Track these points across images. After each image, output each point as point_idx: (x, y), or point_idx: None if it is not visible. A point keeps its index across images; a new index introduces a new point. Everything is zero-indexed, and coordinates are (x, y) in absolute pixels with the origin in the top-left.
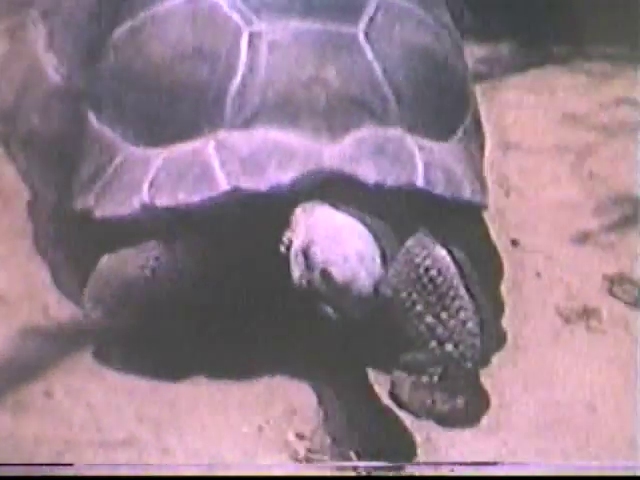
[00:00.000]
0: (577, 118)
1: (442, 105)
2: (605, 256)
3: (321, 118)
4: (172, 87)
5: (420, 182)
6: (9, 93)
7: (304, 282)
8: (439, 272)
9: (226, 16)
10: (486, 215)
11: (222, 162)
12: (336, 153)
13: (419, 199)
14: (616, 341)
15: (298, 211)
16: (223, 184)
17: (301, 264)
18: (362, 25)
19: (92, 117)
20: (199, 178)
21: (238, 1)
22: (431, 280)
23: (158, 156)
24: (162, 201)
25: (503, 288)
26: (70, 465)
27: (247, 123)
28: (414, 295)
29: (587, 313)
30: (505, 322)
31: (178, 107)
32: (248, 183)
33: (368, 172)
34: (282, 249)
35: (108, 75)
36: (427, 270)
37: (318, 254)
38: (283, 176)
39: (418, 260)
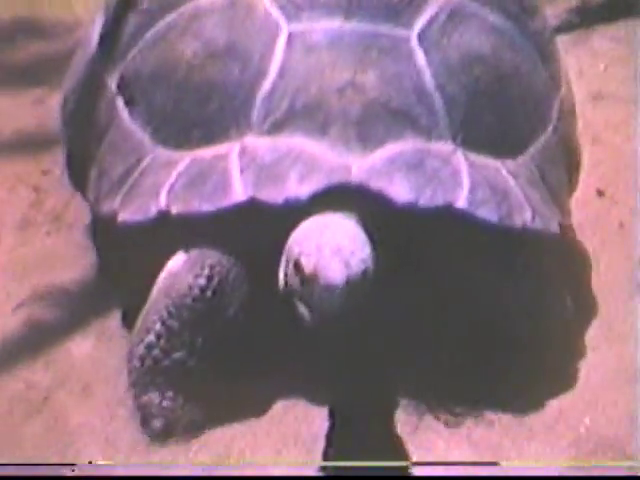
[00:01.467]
0: None
1: (509, 119)
2: None
3: (354, 128)
4: (202, 86)
5: (461, 203)
6: (67, 92)
7: (281, 281)
8: None
9: (266, 13)
10: None
11: (242, 170)
12: (365, 167)
13: (463, 224)
14: None
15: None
16: (240, 194)
17: (283, 264)
18: (418, 27)
19: (125, 114)
20: (216, 186)
21: None
22: None
23: (183, 159)
24: (177, 208)
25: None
26: (70, 465)
27: (275, 129)
28: None
29: None
30: None
31: (207, 108)
32: (265, 194)
33: (399, 189)
34: None
35: (142, 71)
36: None
37: (294, 248)
38: (303, 189)
39: None
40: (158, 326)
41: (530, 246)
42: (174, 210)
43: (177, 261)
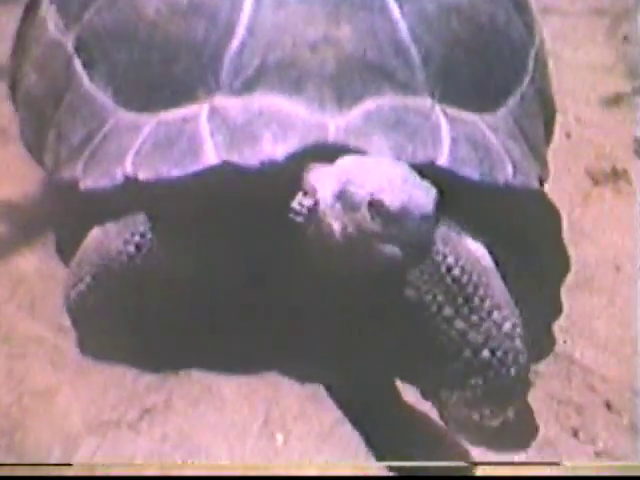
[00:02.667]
0: None
1: (487, 71)
2: (636, 119)
3: (329, 84)
4: (166, 46)
5: (443, 160)
6: (18, 50)
7: (351, 230)
8: (462, 270)
9: None
10: None
11: (212, 132)
12: (343, 125)
13: (445, 181)
14: None
15: (309, 173)
16: (211, 157)
17: (339, 212)
18: None
19: (84, 76)
20: (186, 150)
21: None
22: (454, 279)
23: (148, 123)
24: (145, 174)
25: None
26: (70, 465)
27: (245, 88)
28: (439, 297)
29: (616, 174)
30: None
31: (172, 68)
32: (238, 156)
33: (378, 147)
34: (298, 218)
35: (101, 30)
36: (449, 269)
37: (359, 190)
38: (278, 150)
39: (439, 258)
40: (88, 279)
41: (510, 201)
42: (141, 176)
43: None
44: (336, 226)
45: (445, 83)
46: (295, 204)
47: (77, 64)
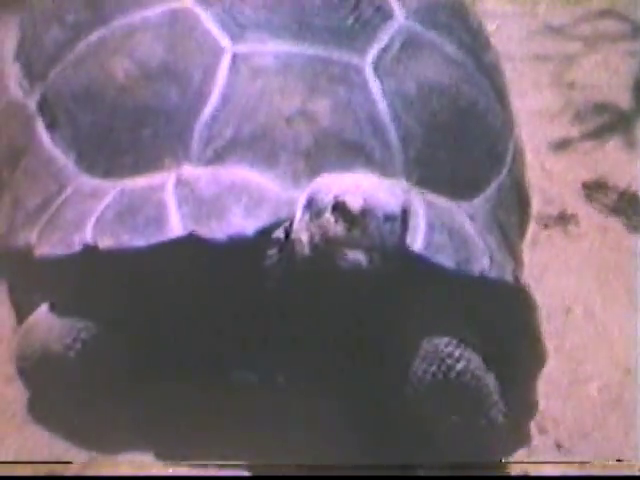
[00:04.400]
0: (558, 29)
1: (465, 158)
2: (584, 163)
3: (303, 159)
4: (134, 110)
5: (418, 246)
6: None
7: (317, 239)
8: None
9: (207, 32)
10: None
11: (179, 202)
12: None
13: (419, 268)
14: (592, 246)
15: None
16: (177, 228)
17: (307, 222)
18: (371, 55)
19: (46, 137)
20: (151, 219)
21: (225, 16)
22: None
23: (112, 190)
24: (105, 242)
25: None
26: (69, 463)
27: (216, 159)
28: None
29: (565, 219)
30: None
31: (139, 134)
32: (206, 229)
33: None
34: (273, 251)
35: (67, 91)
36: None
37: (324, 195)
38: (247, 224)
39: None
40: (29, 363)
41: (484, 294)
42: (102, 244)
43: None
44: (304, 237)
45: (423, 167)
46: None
47: (39, 125)
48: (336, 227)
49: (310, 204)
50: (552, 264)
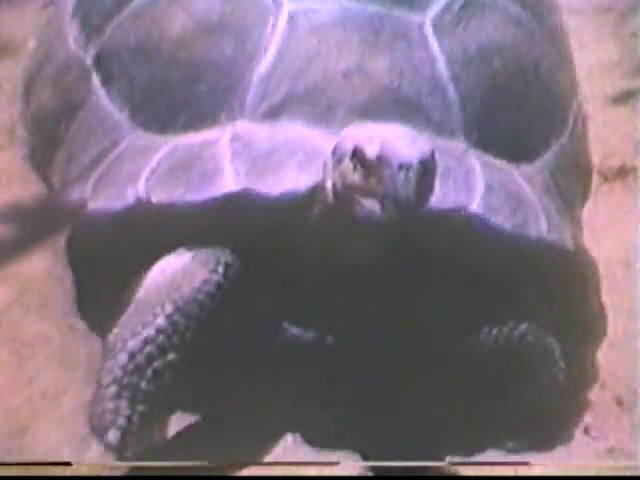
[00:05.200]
0: None
1: (526, 120)
2: None
3: (358, 116)
4: (190, 65)
5: (476, 207)
6: (32, 65)
7: (338, 186)
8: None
9: None
10: None
11: (234, 158)
12: None
13: (475, 229)
14: None
15: None
16: (231, 183)
17: (331, 169)
18: (432, 13)
19: (102, 92)
20: (204, 174)
21: None
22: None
23: (166, 145)
24: (158, 197)
25: None
26: (69, 464)
27: (271, 114)
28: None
29: (625, 172)
30: None
31: (195, 89)
32: (260, 185)
33: None
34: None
35: (122, 46)
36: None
37: (346, 142)
38: (301, 180)
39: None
40: (161, 320)
41: (542, 257)
42: (155, 198)
43: (175, 260)
44: (328, 184)
45: (482, 128)
46: None
47: (95, 80)
48: (354, 174)
49: (335, 151)
50: (611, 217)
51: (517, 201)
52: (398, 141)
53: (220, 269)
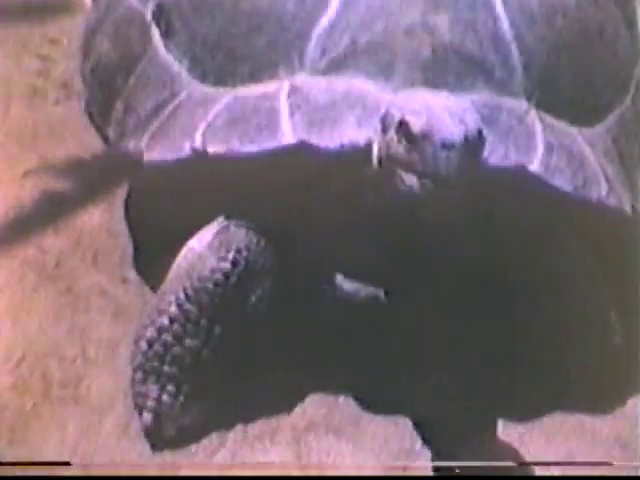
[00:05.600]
0: None
1: (588, 83)
2: None
3: (421, 72)
4: (250, 17)
5: (535, 166)
6: (92, 20)
7: (383, 154)
8: None
9: None
10: None
11: (292, 110)
12: None
13: (535, 188)
14: None
15: None
16: (288, 135)
17: (378, 135)
18: None
19: (160, 45)
20: (262, 125)
21: None
22: None
23: (223, 97)
24: (214, 148)
25: None
26: (68, 464)
27: (331, 68)
28: None
29: None
30: None
31: (255, 41)
32: (318, 137)
33: None
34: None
35: None
36: None
37: (394, 112)
38: (360, 134)
39: None
40: (173, 308)
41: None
42: (211, 149)
43: (201, 239)
44: (375, 150)
45: (544, 88)
46: None
47: (154, 33)
48: (398, 146)
49: (383, 118)
50: None
51: (578, 162)
52: (445, 117)
53: (230, 256)
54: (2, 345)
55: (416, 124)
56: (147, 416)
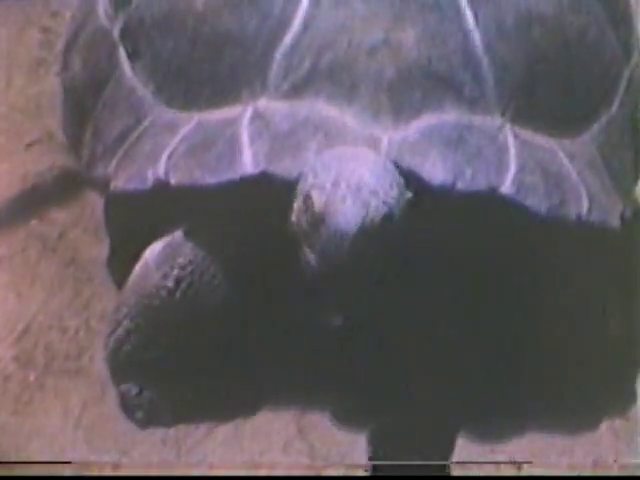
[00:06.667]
0: None
1: (570, 92)
2: None
3: (386, 94)
4: (214, 39)
5: (506, 188)
6: (69, 36)
7: (292, 219)
8: None
9: None
10: None
11: (253, 138)
12: (397, 140)
13: (509, 212)
14: None
15: None
16: (249, 165)
17: (297, 196)
18: None
19: (127, 66)
20: (223, 155)
21: None
22: None
23: (188, 122)
24: (177, 178)
25: None
26: (68, 463)
27: (294, 91)
28: None
29: None
30: None
31: (218, 64)
32: (279, 167)
33: (433, 168)
34: None
35: (148, 19)
36: None
37: (309, 177)
38: None
39: None
40: (127, 322)
41: (584, 240)
42: (173, 180)
43: (154, 248)
44: (295, 205)
45: (519, 102)
46: None
47: (121, 53)
48: (303, 217)
49: (300, 178)
50: None
51: (555, 179)
52: (347, 198)
53: (174, 273)
54: (5, 317)
55: (318, 202)
56: (138, 413)
